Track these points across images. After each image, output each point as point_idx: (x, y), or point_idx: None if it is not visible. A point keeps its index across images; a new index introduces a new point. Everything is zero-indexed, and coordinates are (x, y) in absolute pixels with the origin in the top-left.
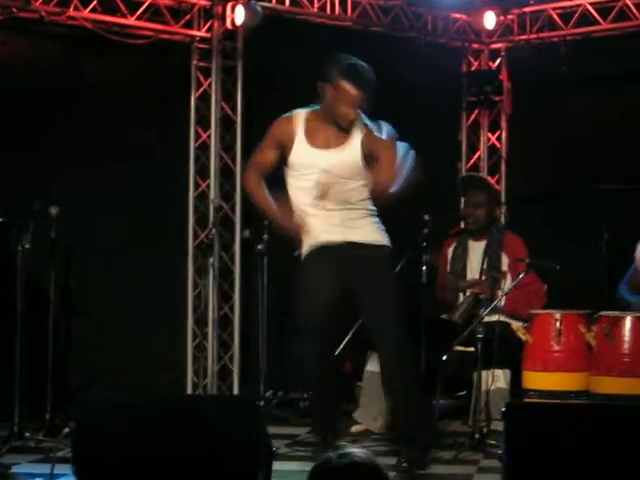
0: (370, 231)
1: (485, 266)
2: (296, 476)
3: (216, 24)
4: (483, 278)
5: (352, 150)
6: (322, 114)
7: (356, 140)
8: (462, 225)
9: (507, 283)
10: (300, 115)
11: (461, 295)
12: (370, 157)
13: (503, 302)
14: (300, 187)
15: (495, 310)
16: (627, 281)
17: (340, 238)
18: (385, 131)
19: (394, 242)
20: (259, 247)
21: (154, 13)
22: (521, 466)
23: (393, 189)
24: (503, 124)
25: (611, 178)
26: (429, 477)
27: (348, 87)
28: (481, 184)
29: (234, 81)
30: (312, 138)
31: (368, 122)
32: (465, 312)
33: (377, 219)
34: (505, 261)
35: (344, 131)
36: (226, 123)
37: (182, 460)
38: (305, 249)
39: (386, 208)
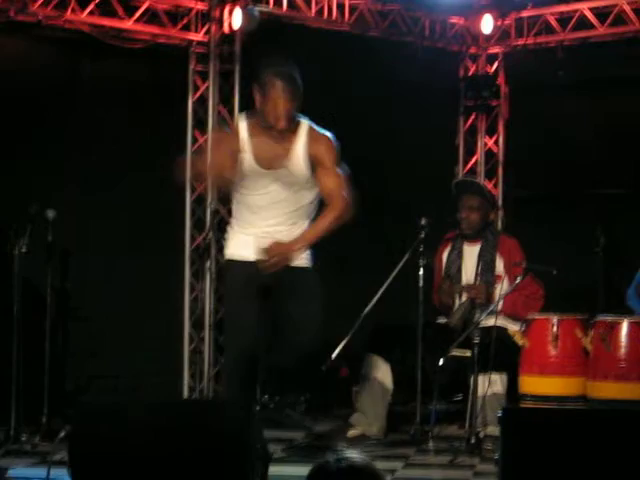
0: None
1: (480, 270)
2: None
3: (213, 28)
4: (478, 282)
5: (297, 161)
6: (260, 120)
7: (300, 145)
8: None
9: (503, 286)
10: (242, 126)
11: (457, 299)
12: (315, 160)
13: (500, 306)
14: (246, 203)
15: (492, 314)
16: (635, 286)
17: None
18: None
19: (392, 246)
20: None
21: (152, 17)
22: (517, 470)
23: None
24: (500, 128)
25: (608, 182)
26: None
27: (279, 86)
28: (475, 188)
29: (231, 85)
30: (258, 155)
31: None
32: (462, 317)
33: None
34: (500, 264)
35: (285, 139)
36: None
37: (178, 464)
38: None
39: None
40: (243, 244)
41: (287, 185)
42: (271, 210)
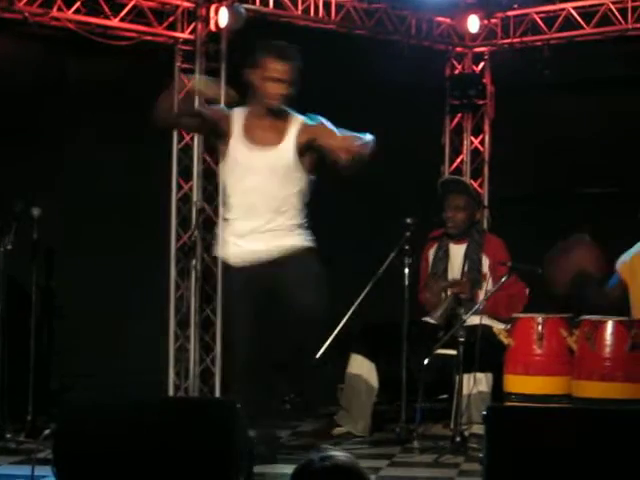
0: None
1: (466, 269)
2: (278, 479)
3: (200, 26)
4: (464, 279)
5: (287, 147)
6: (255, 107)
7: (291, 135)
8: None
9: (488, 285)
10: (237, 112)
11: (442, 295)
12: (309, 146)
13: (483, 305)
14: (236, 187)
15: (476, 313)
16: (609, 290)
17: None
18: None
19: (378, 245)
20: None
21: (138, 15)
22: (502, 469)
23: (357, 148)
24: (486, 127)
25: (594, 182)
26: None
27: (273, 62)
28: (461, 187)
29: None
30: (250, 135)
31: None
32: (445, 312)
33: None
34: (486, 263)
35: (280, 121)
36: None
37: (163, 463)
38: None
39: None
40: (233, 245)
41: (274, 170)
42: (259, 199)
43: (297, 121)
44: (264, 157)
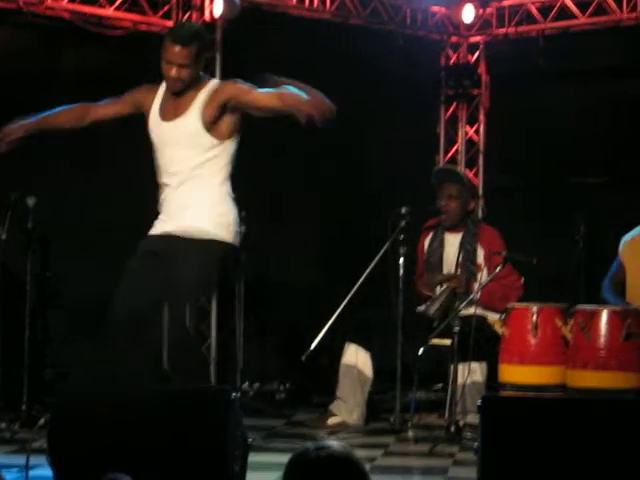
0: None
1: (461, 259)
2: (272, 468)
3: (194, 16)
4: (459, 272)
5: (192, 116)
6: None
7: (198, 104)
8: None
9: (483, 276)
10: (161, 87)
11: (438, 288)
12: (224, 111)
13: (479, 295)
14: (159, 163)
15: (471, 303)
16: (613, 274)
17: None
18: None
19: (372, 234)
20: None
21: (132, 4)
22: (496, 459)
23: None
24: (481, 117)
25: (589, 171)
26: (405, 470)
27: (168, 44)
28: (455, 176)
29: (212, 73)
30: (162, 111)
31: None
32: (441, 306)
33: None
34: (481, 253)
35: (186, 97)
36: None
37: (157, 451)
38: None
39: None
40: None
41: (183, 139)
42: (171, 169)
43: (209, 85)
44: (172, 128)
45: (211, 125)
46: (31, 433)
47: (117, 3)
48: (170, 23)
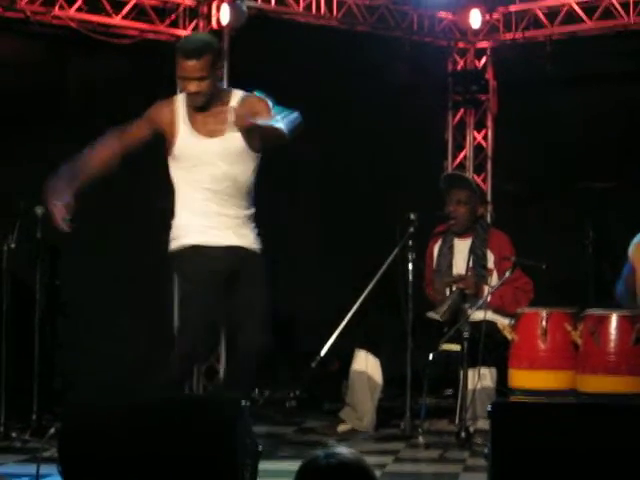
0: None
1: (471, 264)
2: (283, 476)
3: (201, 24)
4: (469, 274)
5: (232, 132)
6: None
7: (233, 118)
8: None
9: (493, 280)
10: (179, 100)
11: (447, 291)
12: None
13: (489, 299)
14: (192, 180)
15: (481, 307)
16: (625, 277)
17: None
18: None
19: (380, 240)
20: None
21: (139, 13)
22: (507, 465)
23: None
24: (489, 123)
25: (597, 176)
26: (416, 476)
27: (180, 60)
28: (463, 182)
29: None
30: (194, 126)
31: (239, 92)
32: (450, 309)
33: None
34: (491, 258)
35: (216, 111)
36: None
37: (168, 460)
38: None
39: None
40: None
41: (225, 157)
42: (211, 186)
43: (234, 100)
44: (212, 144)
45: (248, 139)
46: (41, 442)
47: (124, 12)
48: (177, 31)
